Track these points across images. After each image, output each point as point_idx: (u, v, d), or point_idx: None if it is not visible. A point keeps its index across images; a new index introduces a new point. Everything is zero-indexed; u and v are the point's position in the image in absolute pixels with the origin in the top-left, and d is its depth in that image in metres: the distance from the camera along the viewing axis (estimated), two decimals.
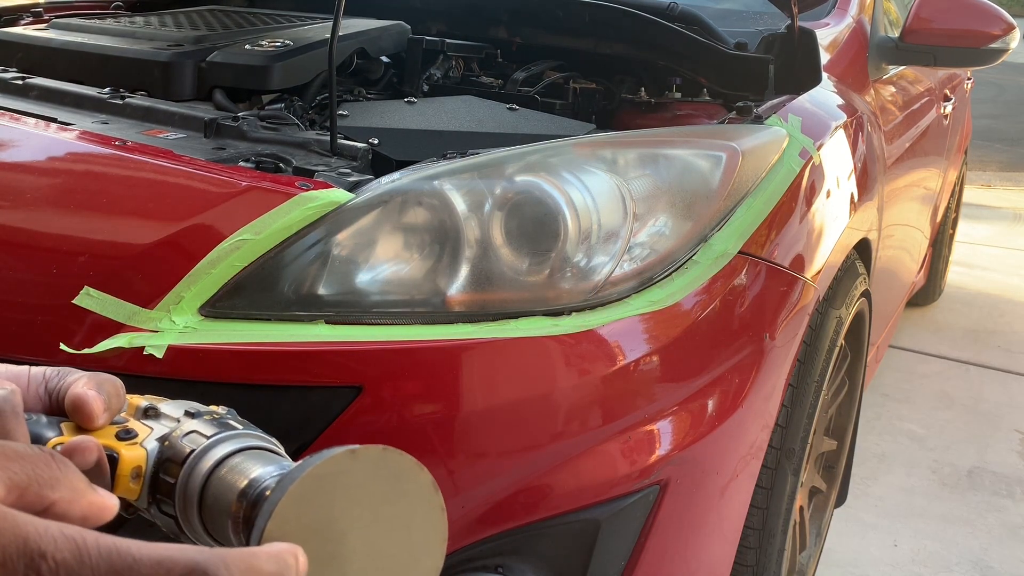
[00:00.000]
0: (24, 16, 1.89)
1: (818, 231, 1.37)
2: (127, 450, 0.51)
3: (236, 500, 0.48)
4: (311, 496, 0.43)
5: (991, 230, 5.32)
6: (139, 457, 0.51)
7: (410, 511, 0.47)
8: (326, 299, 0.99)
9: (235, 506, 0.48)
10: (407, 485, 0.47)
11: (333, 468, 0.44)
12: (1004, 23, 2.06)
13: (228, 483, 0.49)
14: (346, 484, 0.44)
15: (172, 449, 0.51)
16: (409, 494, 0.47)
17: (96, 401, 0.51)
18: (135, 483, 0.51)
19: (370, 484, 0.45)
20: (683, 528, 1.13)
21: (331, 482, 0.44)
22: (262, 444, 0.52)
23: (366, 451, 0.45)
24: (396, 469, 0.46)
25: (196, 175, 1.06)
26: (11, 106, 1.31)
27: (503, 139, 1.31)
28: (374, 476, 0.45)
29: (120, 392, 0.53)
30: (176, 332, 0.95)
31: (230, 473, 0.49)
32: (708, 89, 1.67)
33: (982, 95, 9.50)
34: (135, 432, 0.52)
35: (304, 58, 1.45)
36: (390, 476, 0.46)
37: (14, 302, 1.00)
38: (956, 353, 3.36)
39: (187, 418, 0.53)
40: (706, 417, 1.10)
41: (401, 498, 0.47)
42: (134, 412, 0.54)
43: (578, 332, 1.02)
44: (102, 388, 0.52)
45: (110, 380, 0.53)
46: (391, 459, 0.46)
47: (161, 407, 0.55)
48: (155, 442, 0.52)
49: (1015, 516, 2.26)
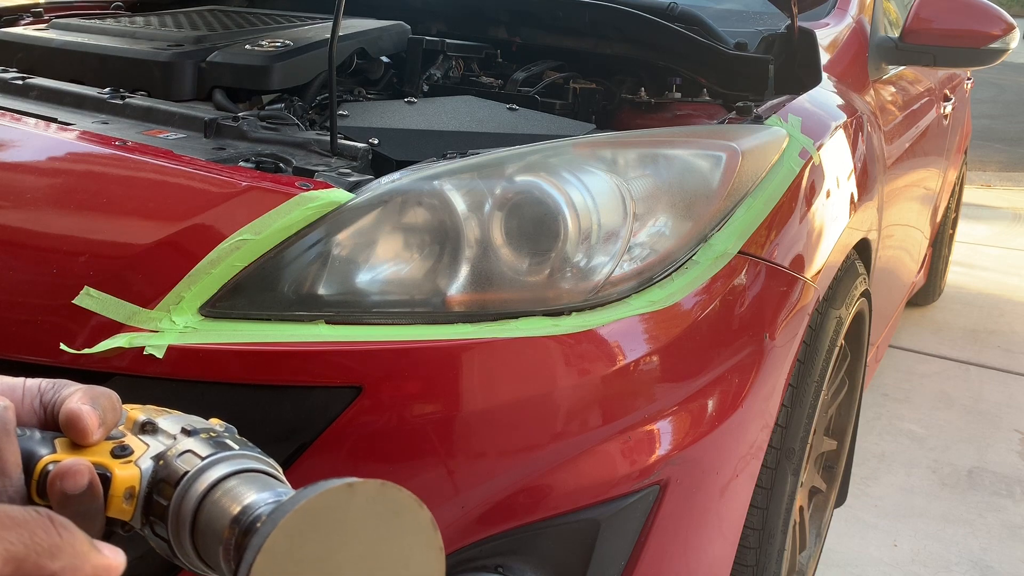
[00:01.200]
0: (24, 16, 1.89)
1: (818, 231, 1.37)
2: (121, 469, 0.49)
3: (229, 526, 0.46)
4: (304, 530, 0.41)
5: (991, 230, 5.32)
6: (132, 477, 0.49)
7: (407, 550, 0.45)
8: (326, 299, 0.99)
9: (227, 532, 0.46)
10: (405, 522, 0.45)
11: (328, 502, 0.42)
12: (1004, 23, 2.06)
13: (221, 508, 0.47)
14: (341, 519, 0.42)
15: (167, 469, 0.50)
16: (407, 532, 0.45)
17: (90, 417, 0.49)
18: (128, 504, 0.49)
19: (366, 520, 0.43)
20: (683, 528, 1.13)
21: (325, 517, 0.42)
22: (259, 467, 0.50)
23: (364, 485, 0.43)
24: (394, 505, 0.44)
25: (196, 175, 1.06)
26: (11, 106, 1.31)
27: (503, 139, 1.31)
28: (371, 512, 0.43)
29: (116, 406, 0.52)
30: (176, 332, 0.95)
31: (224, 497, 0.47)
32: (708, 89, 1.67)
33: (982, 95, 9.50)
34: (131, 449, 0.51)
35: (304, 58, 1.45)
36: (388, 512, 0.44)
37: (14, 302, 1.00)
38: (956, 353, 3.36)
39: (183, 436, 0.51)
40: (706, 417, 1.10)
41: (398, 536, 0.44)
42: (132, 426, 0.53)
43: (578, 332, 1.02)
44: (97, 403, 0.50)
45: (106, 394, 0.51)
46: (389, 495, 0.44)
47: (159, 422, 0.53)
48: (150, 461, 0.50)
49: (1015, 516, 2.26)
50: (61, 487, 0.47)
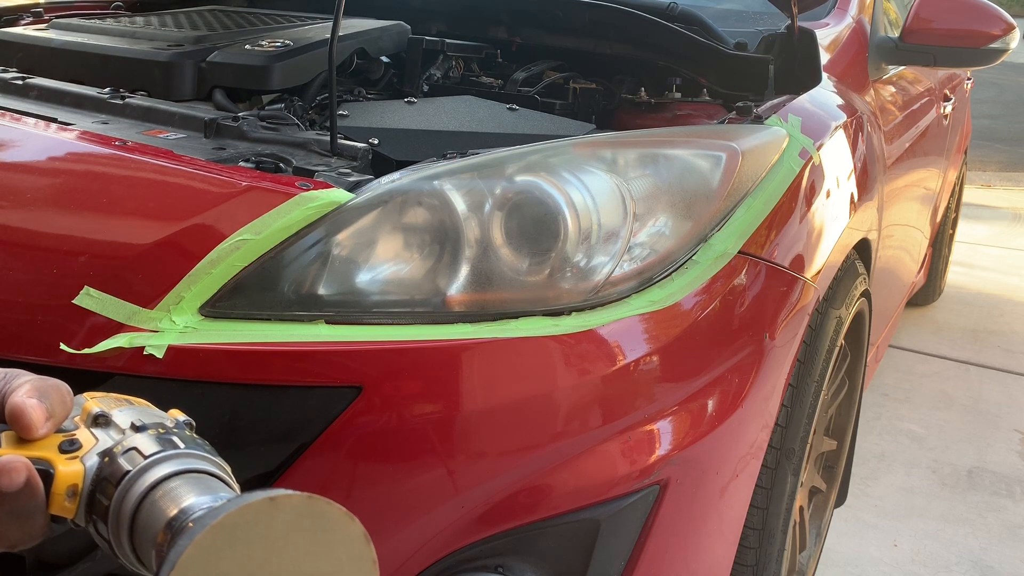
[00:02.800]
0: (24, 16, 1.89)
1: (818, 231, 1.37)
2: (64, 466, 0.48)
3: (163, 530, 0.44)
4: (222, 546, 0.39)
5: (991, 230, 5.32)
6: (75, 474, 0.47)
7: (337, 565, 0.43)
8: (326, 299, 0.99)
9: (161, 536, 0.44)
10: (334, 537, 0.43)
11: (248, 517, 0.40)
12: (1004, 23, 2.06)
13: (159, 510, 0.45)
14: (263, 535, 0.40)
15: (111, 466, 0.48)
16: (336, 547, 0.43)
17: (36, 410, 0.48)
18: (71, 502, 0.48)
19: (292, 535, 0.41)
20: (683, 528, 1.13)
21: (246, 532, 0.40)
22: (203, 467, 0.48)
23: (287, 499, 0.41)
24: (322, 519, 0.42)
25: (196, 175, 1.06)
26: (11, 106, 1.31)
27: (503, 139, 1.31)
28: (296, 526, 0.41)
29: (66, 399, 0.50)
30: (176, 332, 0.95)
31: (163, 499, 0.45)
32: (708, 89, 1.67)
33: (982, 95, 9.50)
34: (79, 443, 0.49)
35: (304, 58, 1.45)
36: (315, 527, 0.42)
37: (14, 302, 1.00)
38: (956, 353, 3.36)
39: (132, 432, 0.49)
40: (706, 417, 1.10)
41: (327, 551, 0.42)
42: (85, 418, 0.51)
43: (578, 332, 1.02)
44: (45, 395, 0.49)
45: (55, 386, 0.50)
46: (316, 508, 0.42)
47: (113, 414, 0.51)
48: (96, 457, 0.48)
49: (1015, 516, 2.26)
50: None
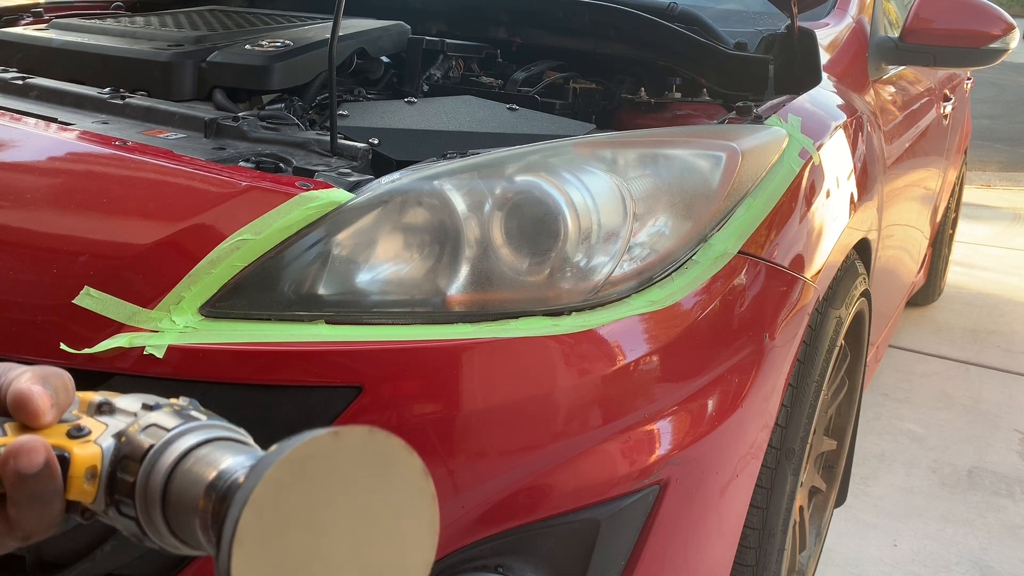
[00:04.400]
0: (24, 16, 1.89)
1: (818, 231, 1.37)
2: (80, 448, 0.46)
3: (204, 494, 0.43)
4: (290, 482, 0.39)
5: (991, 230, 5.32)
6: (93, 455, 0.46)
7: (399, 499, 0.42)
8: (326, 299, 0.99)
9: (203, 501, 0.43)
10: (395, 471, 0.42)
11: (314, 451, 0.40)
12: (1004, 23, 2.06)
13: (194, 476, 0.44)
14: (329, 469, 0.40)
15: (130, 445, 0.46)
16: (397, 481, 0.42)
17: (41, 397, 0.46)
18: (90, 484, 0.46)
19: (355, 470, 0.41)
20: (683, 528, 1.13)
21: (312, 467, 0.39)
22: (230, 435, 0.47)
23: (351, 432, 0.41)
24: (383, 453, 0.42)
25: (196, 175, 1.06)
26: (11, 106, 1.31)
27: (503, 139, 1.31)
28: (359, 461, 0.41)
29: (69, 386, 0.49)
30: (176, 332, 0.95)
31: (196, 465, 0.44)
32: (708, 89, 1.67)
33: (982, 95, 9.50)
34: (88, 429, 0.48)
35: (304, 58, 1.45)
36: (377, 461, 0.42)
37: (14, 302, 1.00)
38: (956, 353, 3.36)
39: (145, 411, 0.48)
40: (706, 417, 1.10)
41: (389, 485, 0.42)
42: (87, 408, 0.50)
43: (578, 332, 1.02)
44: (48, 382, 0.47)
45: (57, 374, 0.48)
46: (378, 442, 0.42)
47: (116, 402, 0.50)
48: (111, 438, 0.47)
49: (1015, 516, 2.26)
50: (15, 467, 0.44)
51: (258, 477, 0.38)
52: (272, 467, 0.38)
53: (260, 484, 0.38)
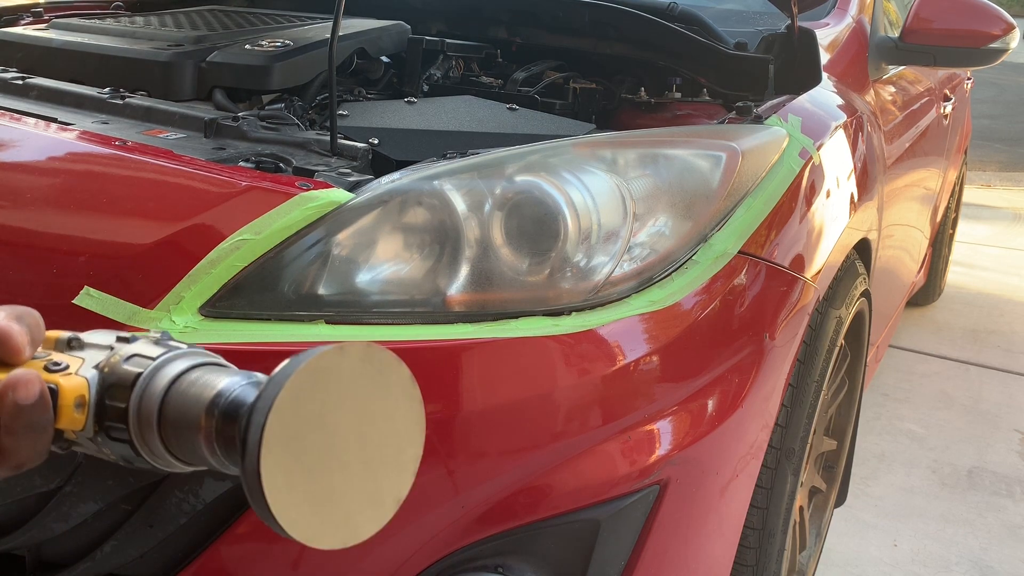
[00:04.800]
0: (24, 16, 1.89)
1: (818, 231, 1.37)
2: (65, 380, 0.49)
3: (205, 413, 0.46)
4: (308, 390, 0.44)
5: (991, 230, 5.32)
6: (80, 385, 0.49)
7: (393, 403, 0.49)
8: (326, 299, 0.99)
9: (204, 419, 0.46)
10: (390, 379, 0.49)
11: (325, 363, 0.45)
12: (1004, 23, 2.06)
13: (192, 397, 0.47)
14: (337, 378, 0.45)
15: (115, 374, 0.49)
16: (391, 387, 0.49)
17: (20, 334, 0.48)
18: (79, 412, 0.49)
19: (357, 379, 0.47)
20: (683, 528, 1.13)
21: (324, 376, 0.45)
22: (214, 360, 0.50)
23: (352, 347, 0.46)
24: (379, 364, 0.48)
25: (196, 175, 1.06)
26: (11, 106, 1.31)
27: (503, 139, 1.31)
28: (360, 371, 0.47)
29: (40, 324, 0.51)
30: (176, 332, 0.95)
31: (192, 387, 0.48)
32: (708, 89, 1.67)
33: (982, 95, 9.50)
34: (64, 364, 0.50)
35: (304, 58, 1.45)
36: (374, 371, 0.48)
37: (14, 302, 1.00)
38: (956, 353, 3.36)
39: (122, 343, 0.51)
40: (706, 417, 1.10)
41: (385, 391, 0.48)
42: (54, 345, 0.52)
43: (578, 332, 1.02)
44: (23, 320, 0.49)
45: (29, 312, 0.50)
46: (374, 355, 0.47)
47: (84, 337, 0.52)
48: (92, 370, 0.49)
49: (1015, 516, 2.26)
50: (14, 398, 0.46)
51: (279, 386, 0.42)
52: (292, 376, 0.43)
53: (283, 391, 0.42)
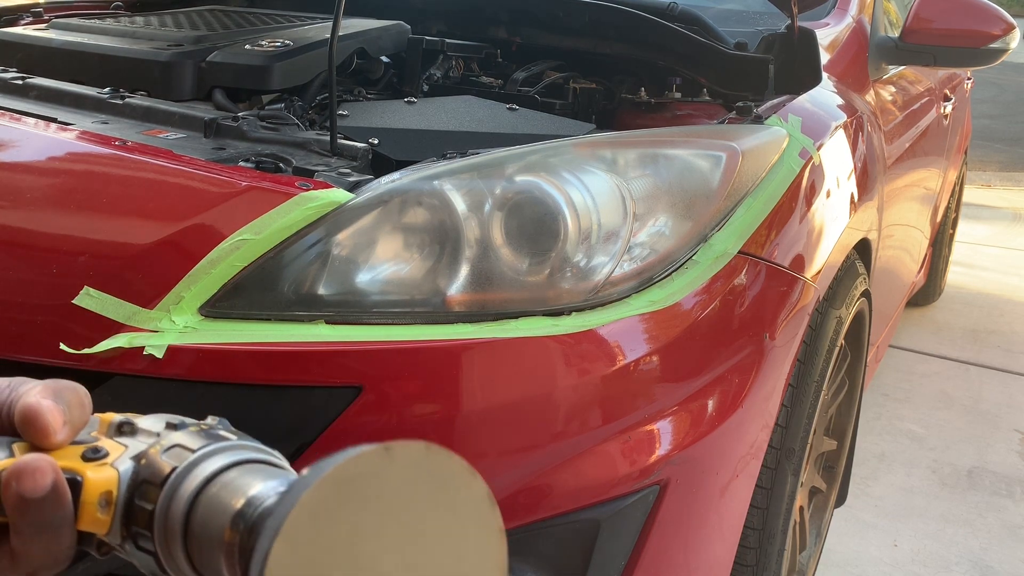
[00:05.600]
0: (24, 16, 1.89)
1: (818, 231, 1.37)
2: (94, 471, 0.41)
3: (230, 525, 0.37)
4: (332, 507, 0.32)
5: (991, 230, 5.32)
6: (109, 480, 0.41)
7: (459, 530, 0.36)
8: (326, 299, 0.99)
9: (228, 533, 0.37)
10: (456, 497, 0.36)
11: (362, 470, 0.33)
12: (1004, 23, 2.06)
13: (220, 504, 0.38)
14: (378, 492, 0.34)
15: (150, 468, 0.41)
16: (457, 509, 0.36)
17: (52, 412, 0.41)
18: (104, 512, 0.41)
19: (408, 493, 0.34)
20: (683, 528, 1.13)
21: (359, 488, 0.33)
22: (262, 456, 0.41)
23: (404, 449, 0.34)
24: (441, 475, 0.35)
25: (196, 175, 1.06)
26: (11, 106, 1.31)
27: (503, 139, 1.31)
28: (413, 482, 0.35)
29: (85, 403, 0.43)
30: (176, 332, 0.95)
31: (223, 491, 0.38)
32: (708, 89, 1.67)
33: (982, 95, 9.50)
34: (105, 451, 0.42)
35: (304, 58, 1.45)
36: (433, 484, 0.35)
37: (14, 302, 1.00)
38: (956, 353, 3.36)
39: (169, 431, 0.43)
40: (706, 417, 1.10)
41: (447, 513, 0.35)
42: (106, 429, 0.44)
43: (578, 332, 1.02)
44: (60, 397, 0.42)
45: (71, 388, 0.43)
46: (436, 462, 0.35)
47: (139, 422, 0.44)
48: (129, 461, 0.42)
49: (1015, 516, 2.26)
50: (18, 490, 0.38)
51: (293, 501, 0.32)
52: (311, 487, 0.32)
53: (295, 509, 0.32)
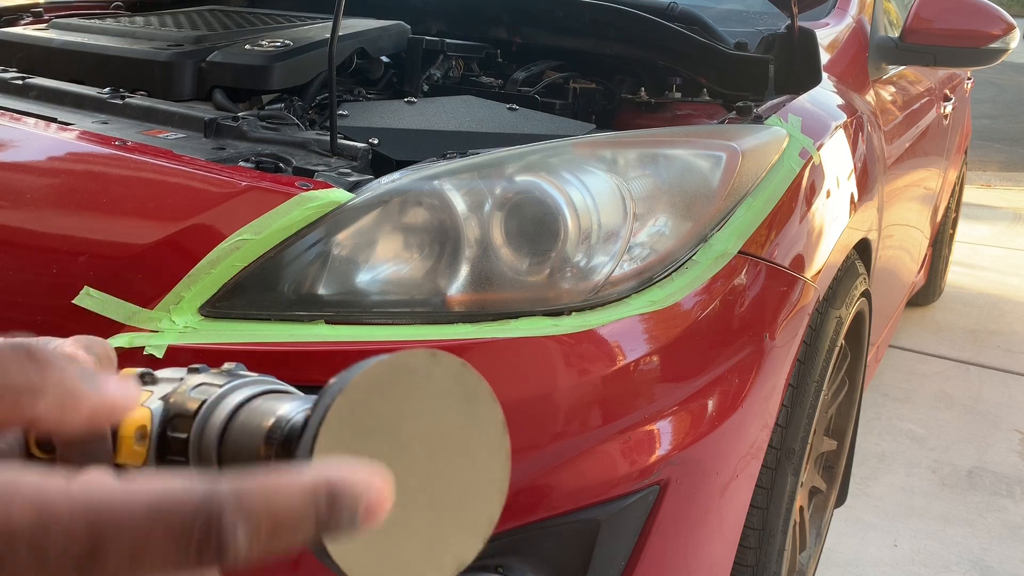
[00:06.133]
0: (24, 16, 1.89)
1: (818, 231, 1.37)
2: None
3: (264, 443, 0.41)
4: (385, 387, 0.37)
5: (991, 230, 5.32)
6: (143, 416, 0.45)
7: (478, 442, 0.41)
8: (326, 299, 0.99)
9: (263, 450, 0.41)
10: (480, 412, 0.40)
11: (412, 363, 0.38)
12: (1004, 23, 2.06)
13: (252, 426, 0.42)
14: (420, 387, 0.38)
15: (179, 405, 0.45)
16: (478, 423, 0.41)
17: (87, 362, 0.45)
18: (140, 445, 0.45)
19: (443, 396, 0.39)
20: (683, 528, 1.13)
21: (407, 379, 0.38)
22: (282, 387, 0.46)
23: (447, 358, 0.39)
24: (472, 390, 0.40)
25: (196, 175, 1.06)
26: (11, 106, 1.31)
27: (503, 139, 1.31)
28: (449, 389, 0.39)
29: (112, 355, 0.47)
30: (176, 332, 0.95)
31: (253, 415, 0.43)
32: (708, 89, 1.67)
33: (982, 95, 9.50)
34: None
35: (304, 58, 1.45)
36: (464, 395, 0.40)
37: (14, 302, 1.00)
38: (956, 353, 3.36)
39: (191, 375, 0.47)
40: (706, 417, 1.10)
41: (469, 424, 0.40)
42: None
43: (578, 332, 1.02)
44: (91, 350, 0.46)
45: (99, 342, 0.47)
46: (469, 379, 0.40)
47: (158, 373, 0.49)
48: (159, 401, 0.46)
49: (1015, 516, 2.26)
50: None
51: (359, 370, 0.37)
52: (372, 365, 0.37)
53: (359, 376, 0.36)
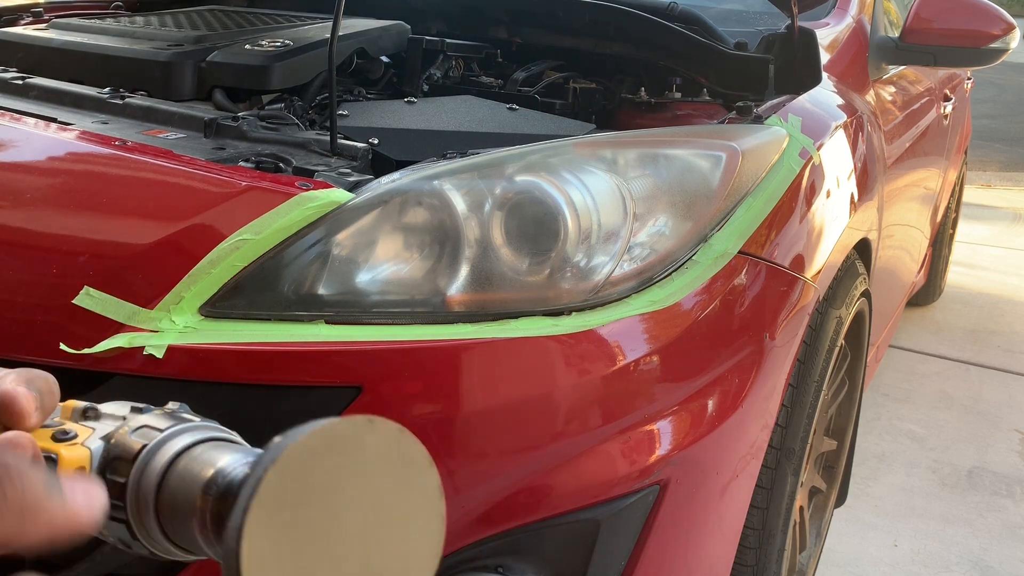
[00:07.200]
0: (24, 16, 1.89)
1: (818, 231, 1.37)
2: (67, 450, 0.45)
3: (201, 493, 0.41)
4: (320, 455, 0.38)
5: (991, 230, 5.32)
6: (82, 457, 0.44)
7: (412, 508, 0.41)
8: (326, 299, 0.99)
9: (200, 500, 0.41)
10: (415, 478, 0.41)
11: (349, 431, 0.39)
12: (1004, 23, 2.06)
13: (191, 475, 0.42)
14: (355, 455, 0.39)
15: (120, 447, 0.45)
16: (414, 489, 0.41)
17: (26, 398, 0.45)
18: None
19: (379, 463, 0.40)
20: (683, 528, 1.13)
21: (342, 446, 0.38)
22: (224, 435, 0.46)
23: (384, 425, 0.40)
24: (408, 457, 0.41)
25: (196, 175, 1.06)
26: (11, 106, 1.31)
27: (503, 139, 1.31)
28: (385, 456, 0.40)
29: (54, 389, 0.47)
30: (176, 332, 0.95)
31: (192, 464, 0.43)
32: (708, 89, 1.67)
33: (982, 95, 9.50)
34: (74, 433, 0.46)
35: (304, 58, 1.45)
36: (400, 461, 0.40)
37: (14, 302, 1.00)
38: (956, 353, 3.36)
39: (134, 414, 0.47)
40: (706, 417, 1.10)
41: (406, 490, 0.41)
42: (70, 414, 0.48)
43: (578, 332, 1.02)
44: (32, 385, 0.46)
45: (42, 376, 0.47)
46: (405, 444, 0.40)
47: (102, 407, 0.49)
48: (99, 441, 0.46)
49: (1015, 516, 2.26)
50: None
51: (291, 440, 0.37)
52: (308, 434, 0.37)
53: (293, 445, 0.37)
